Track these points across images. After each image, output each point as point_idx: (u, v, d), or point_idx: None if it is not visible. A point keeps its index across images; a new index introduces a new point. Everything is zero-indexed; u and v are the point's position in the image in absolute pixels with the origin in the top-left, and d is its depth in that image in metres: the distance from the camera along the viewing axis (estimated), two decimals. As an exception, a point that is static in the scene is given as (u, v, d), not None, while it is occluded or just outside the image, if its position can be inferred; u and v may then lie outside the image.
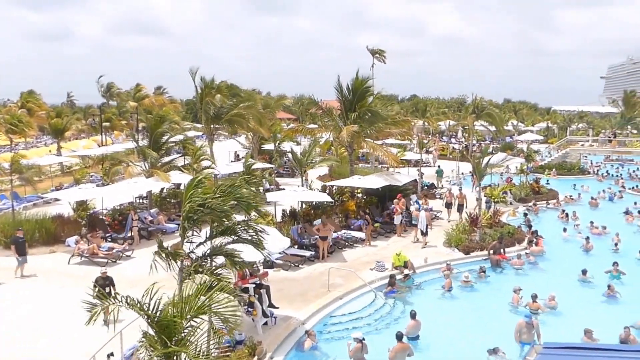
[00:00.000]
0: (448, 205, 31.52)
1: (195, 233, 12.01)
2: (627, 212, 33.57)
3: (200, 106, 37.67)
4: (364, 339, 14.37)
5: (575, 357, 7.21)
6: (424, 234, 25.65)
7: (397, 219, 27.33)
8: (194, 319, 9.29)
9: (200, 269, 12.00)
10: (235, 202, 11.98)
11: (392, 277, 20.18)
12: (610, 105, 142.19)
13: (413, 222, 27.03)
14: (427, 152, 62.09)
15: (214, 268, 12.52)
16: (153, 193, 30.32)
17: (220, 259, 12.96)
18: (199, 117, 42.99)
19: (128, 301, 9.09)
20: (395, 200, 28.59)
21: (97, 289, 14.59)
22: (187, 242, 11.90)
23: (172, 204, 31.27)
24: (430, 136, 78.50)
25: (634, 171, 53.19)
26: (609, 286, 20.29)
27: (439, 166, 49.52)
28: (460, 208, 30.71)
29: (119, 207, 28.05)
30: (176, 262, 11.11)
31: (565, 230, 29.36)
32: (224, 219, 11.75)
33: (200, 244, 11.93)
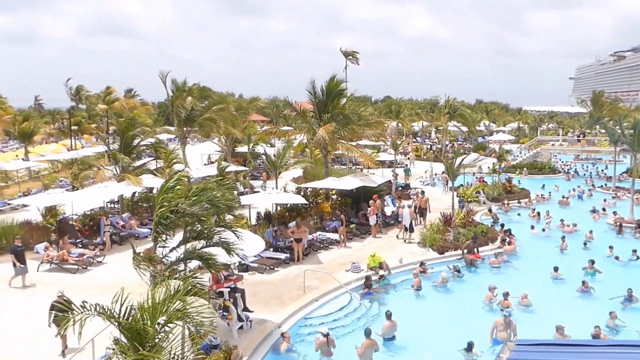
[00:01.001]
0: (415, 209, 29.81)
1: (168, 237, 11.80)
2: (593, 211, 34.20)
3: (172, 109, 37.29)
4: (329, 334, 14.81)
5: (547, 354, 7.25)
6: (408, 229, 26.37)
7: (372, 220, 27.36)
8: (168, 325, 9.10)
9: (174, 274, 11.79)
10: (208, 205, 11.79)
11: (368, 279, 20.16)
12: (579, 106, 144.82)
13: (391, 222, 27.19)
14: (404, 154, 62.52)
15: (188, 272, 12.32)
16: (125, 197, 29.85)
17: (194, 263, 12.77)
18: (171, 120, 42.59)
19: (98, 309, 8.85)
20: (370, 202, 28.62)
21: (52, 315, 13.99)
22: (160, 246, 11.69)
23: (145, 208, 30.85)
24: (404, 137, 78.93)
25: (602, 170, 54.16)
26: (583, 282, 20.58)
27: (406, 165, 49.92)
28: (422, 212, 29.83)
29: (89, 212, 27.53)
30: (149, 267, 10.89)
31: (533, 227, 29.84)
32: (198, 223, 11.57)
33: (174, 248, 11.72)
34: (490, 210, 32.65)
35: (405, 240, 26.38)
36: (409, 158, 59.35)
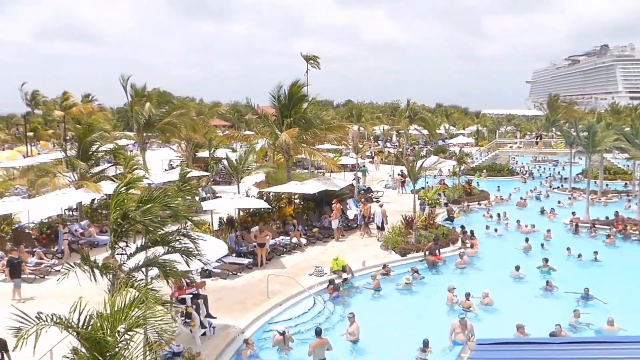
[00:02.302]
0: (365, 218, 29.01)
1: (128, 244, 11.61)
2: (542, 212, 35.21)
3: (131, 114, 36.76)
4: (285, 331, 15.32)
5: (507, 352, 7.36)
6: (380, 228, 27.30)
7: (335, 224, 27.47)
8: (128, 333, 8.95)
9: (134, 281, 11.60)
10: (167, 210, 11.65)
11: (332, 282, 20.21)
12: (536, 109, 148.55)
13: (354, 225, 27.76)
14: (370, 157, 63.01)
15: (148, 279, 12.15)
16: (83, 204, 29.26)
17: (155, 270, 12.59)
18: (130, 126, 41.96)
19: (55, 319, 8.65)
20: (334, 205, 28.70)
21: None
22: (119, 254, 11.49)
23: (104, 215, 30.26)
24: (365, 140, 79.46)
25: (558, 172, 55.54)
26: (547, 282, 21.07)
27: (364, 165, 50.35)
28: (367, 221, 28.70)
29: (46, 221, 26.88)
30: (107, 275, 10.70)
31: (487, 227, 30.50)
32: (156, 229, 11.40)
33: (132, 255, 11.54)
34: (445, 203, 33.47)
35: (377, 239, 26.98)
36: (372, 162, 59.79)
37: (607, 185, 44.24)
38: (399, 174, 46.47)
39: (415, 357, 15.05)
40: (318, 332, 15.09)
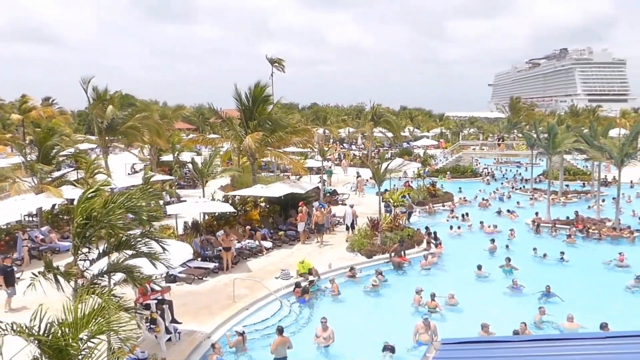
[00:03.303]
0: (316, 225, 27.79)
1: (90, 250, 11.40)
2: (499, 212, 35.91)
3: (92, 118, 36.14)
4: (244, 332, 15.68)
5: (472, 351, 7.46)
6: (350, 227, 28.13)
7: (300, 227, 27.49)
8: (92, 340, 8.78)
9: (97, 288, 11.39)
10: (130, 214, 11.48)
11: (300, 285, 20.19)
12: (498, 111, 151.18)
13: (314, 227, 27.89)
14: (338, 159, 63.20)
15: (112, 285, 11.94)
16: (44, 210, 28.62)
17: (119, 276, 12.38)
18: (92, 129, 41.28)
19: (14, 327, 8.43)
20: (299, 208, 28.71)
21: None
22: (81, 260, 11.28)
23: (66, 220, 29.65)
24: (331, 143, 79.68)
25: (519, 173, 56.61)
26: (513, 280, 21.45)
27: (330, 167, 50.60)
28: (320, 228, 27.58)
29: (5, 227, 26.21)
30: (69, 282, 10.48)
31: (451, 227, 31.03)
32: (120, 231, 11.22)
33: (95, 260, 11.34)
34: (406, 197, 34.04)
35: (346, 240, 27.30)
36: (338, 164, 59.98)
37: (567, 185, 45.28)
38: (358, 176, 46.99)
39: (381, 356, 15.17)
40: (280, 331, 15.37)
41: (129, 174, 46.88)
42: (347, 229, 28.54)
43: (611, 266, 24.37)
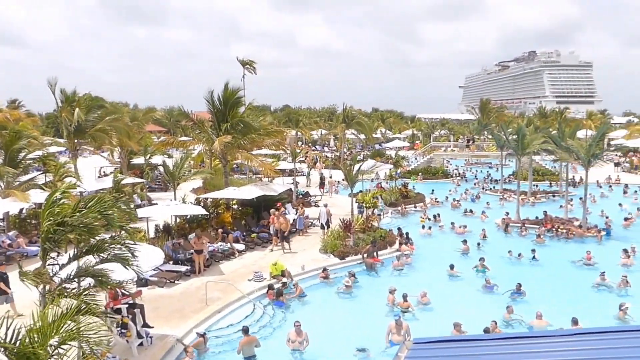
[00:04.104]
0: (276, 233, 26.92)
1: (60, 254, 11.23)
2: (465, 212, 36.62)
3: (61, 120, 35.57)
4: (205, 333, 15.91)
5: (443, 350, 7.57)
6: (324, 227, 28.56)
7: (273, 229, 27.41)
8: (62, 346, 8.65)
9: (66, 293, 11.23)
10: (100, 218, 11.33)
11: (273, 287, 20.15)
12: (468, 113, 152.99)
13: (293, 229, 28.46)
14: (314, 162, 63.22)
15: (81, 290, 11.78)
16: (11, 214, 28.06)
17: (89, 280, 12.21)
18: (61, 132, 40.63)
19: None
20: (272, 210, 28.65)
21: None
22: (50, 264, 11.10)
23: (34, 225, 29.12)
24: (303, 145, 79.71)
25: (489, 174, 57.37)
26: (486, 279, 21.78)
27: (308, 170, 50.75)
28: (282, 236, 26.44)
29: (-30, 232, 25.65)
30: (37, 287, 10.31)
31: (423, 227, 31.55)
32: (89, 237, 11.07)
33: (64, 265, 11.17)
34: (379, 197, 34.95)
35: (322, 237, 27.58)
36: (311, 167, 60.00)
37: (536, 186, 46.03)
38: (330, 177, 47.26)
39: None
40: (245, 331, 15.62)
41: (98, 177, 46.19)
42: (322, 227, 28.80)
43: (579, 265, 24.86)
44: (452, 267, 23.38)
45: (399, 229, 29.78)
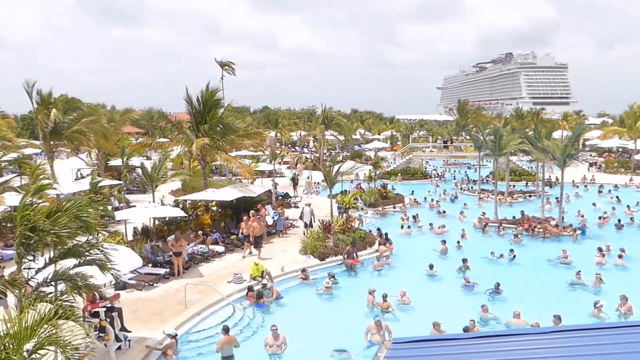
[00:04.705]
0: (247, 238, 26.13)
1: (36, 258, 11.09)
2: (439, 213, 37.05)
3: (36, 122, 35.09)
4: (176, 335, 15.86)
5: (422, 349, 7.63)
6: (308, 226, 29.37)
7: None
8: (38, 352, 8.54)
9: (43, 297, 11.08)
10: (77, 221, 11.20)
11: (252, 288, 20.09)
12: (446, 114, 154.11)
13: (272, 230, 28.06)
14: (295, 164, 63.19)
15: (58, 294, 11.63)
16: (-15, 218, 27.64)
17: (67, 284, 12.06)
18: (36, 134, 40.09)
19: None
20: (251, 212, 28.54)
21: None
22: (25, 268, 10.95)
23: (9, 228, 28.69)
24: (282, 146, 79.65)
25: (466, 175, 57.85)
26: (465, 278, 21.99)
27: (294, 173, 50.78)
28: (257, 241, 25.60)
29: (-56, 236, 25.19)
30: (13, 292, 10.16)
31: (402, 227, 31.93)
32: (66, 239, 10.94)
33: (40, 269, 11.02)
34: (358, 198, 35.87)
35: (305, 234, 28.42)
36: (291, 168, 60.03)
37: (513, 186, 46.53)
38: (308, 178, 47.39)
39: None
40: (226, 330, 15.77)
41: (75, 179, 45.63)
42: (306, 226, 29.44)
43: (555, 263, 25.20)
44: (431, 267, 23.55)
45: (378, 229, 29.91)
